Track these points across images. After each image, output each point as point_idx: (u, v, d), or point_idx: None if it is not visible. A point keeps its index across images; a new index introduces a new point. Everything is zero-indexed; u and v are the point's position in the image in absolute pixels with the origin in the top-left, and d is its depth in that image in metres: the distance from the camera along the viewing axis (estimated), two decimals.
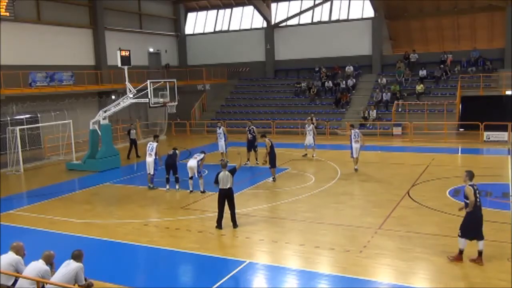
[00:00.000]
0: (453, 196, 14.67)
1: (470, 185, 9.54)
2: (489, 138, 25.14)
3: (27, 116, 27.00)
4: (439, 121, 27.68)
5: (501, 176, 17.26)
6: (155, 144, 17.21)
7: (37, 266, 7.59)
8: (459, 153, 23.05)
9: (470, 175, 9.69)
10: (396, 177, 17.67)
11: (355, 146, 18.60)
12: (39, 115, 27.36)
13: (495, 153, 22.67)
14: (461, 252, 9.60)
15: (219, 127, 21.57)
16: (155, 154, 16.98)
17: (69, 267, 7.52)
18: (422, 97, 30.51)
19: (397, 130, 28.52)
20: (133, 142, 24.23)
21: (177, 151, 17.15)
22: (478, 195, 9.45)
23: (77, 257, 7.65)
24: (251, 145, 20.95)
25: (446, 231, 11.41)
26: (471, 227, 9.43)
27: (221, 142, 21.46)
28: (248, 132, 20.96)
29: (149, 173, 17.15)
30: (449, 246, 10.50)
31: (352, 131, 18.82)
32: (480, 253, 9.44)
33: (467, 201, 9.40)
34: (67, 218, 13.83)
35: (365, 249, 10.49)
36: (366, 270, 9.51)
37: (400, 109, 29.89)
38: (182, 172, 17.16)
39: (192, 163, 16.06)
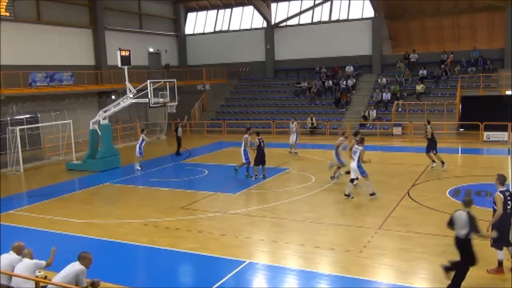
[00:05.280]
0: (453, 196, 14.68)
1: (501, 191, 8.72)
2: (489, 138, 25.14)
3: (27, 116, 27.00)
4: (439, 121, 27.65)
5: None
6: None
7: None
8: (459, 153, 23.05)
9: (501, 179, 8.86)
10: (396, 177, 17.67)
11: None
12: (39, 115, 27.36)
13: (495, 153, 22.67)
14: (500, 263, 8.97)
15: (292, 122, 23.40)
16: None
17: (72, 269, 7.49)
18: (422, 97, 30.51)
19: (397, 130, 28.51)
20: (179, 139, 24.41)
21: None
22: (510, 202, 8.67)
23: (81, 258, 7.59)
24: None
25: (446, 231, 11.29)
26: (500, 235, 8.71)
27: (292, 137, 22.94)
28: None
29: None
30: (449, 246, 10.47)
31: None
32: (499, 262, 8.99)
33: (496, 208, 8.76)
34: (67, 218, 13.83)
35: (365, 249, 10.49)
36: (366, 270, 9.51)
37: (400, 109, 29.90)
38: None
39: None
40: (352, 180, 14.71)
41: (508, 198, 8.72)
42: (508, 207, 8.71)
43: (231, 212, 13.81)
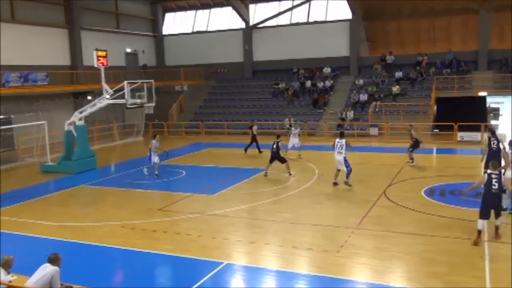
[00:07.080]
0: (428, 195, 14.91)
1: (487, 172, 10.65)
2: (462, 139, 25.60)
3: (0, 117, 26.38)
4: (414, 122, 27.98)
5: (475, 175, 17.54)
6: None
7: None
8: (434, 154, 23.42)
9: (493, 164, 10.79)
10: (373, 177, 17.86)
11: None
12: (12, 116, 26.76)
13: (469, 153, 23.07)
14: (478, 232, 10.55)
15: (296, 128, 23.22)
16: None
17: (45, 270, 7.40)
18: (398, 98, 30.92)
19: (373, 131, 28.85)
20: (254, 138, 24.17)
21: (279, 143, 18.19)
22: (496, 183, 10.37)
23: (53, 260, 7.53)
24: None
25: (422, 230, 11.58)
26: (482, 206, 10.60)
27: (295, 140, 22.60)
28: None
29: None
30: (424, 245, 10.68)
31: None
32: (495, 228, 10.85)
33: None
34: (42, 221, 13.57)
35: (342, 249, 10.57)
36: (344, 269, 9.59)
37: (377, 110, 30.25)
38: None
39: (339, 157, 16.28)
40: None
41: (494, 179, 10.38)
42: (490, 187, 10.34)
43: (209, 213, 13.76)
